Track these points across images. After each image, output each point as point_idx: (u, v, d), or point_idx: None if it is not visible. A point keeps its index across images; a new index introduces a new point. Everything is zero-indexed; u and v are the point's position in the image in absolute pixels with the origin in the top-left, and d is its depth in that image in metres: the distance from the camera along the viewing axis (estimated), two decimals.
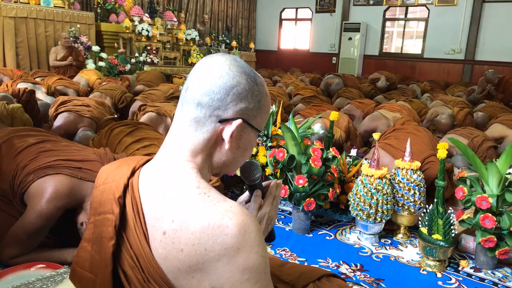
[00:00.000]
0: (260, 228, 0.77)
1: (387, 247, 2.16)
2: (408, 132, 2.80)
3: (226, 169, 0.91)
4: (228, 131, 0.82)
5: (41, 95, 4.31)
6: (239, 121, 0.82)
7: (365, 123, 3.85)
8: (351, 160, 2.62)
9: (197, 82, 0.83)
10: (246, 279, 0.74)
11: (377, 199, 2.05)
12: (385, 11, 11.13)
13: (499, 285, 1.86)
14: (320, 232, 2.30)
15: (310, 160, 2.10)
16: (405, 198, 2.14)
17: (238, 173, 2.57)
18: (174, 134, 0.86)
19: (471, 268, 1.98)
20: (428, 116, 4.55)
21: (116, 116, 4.10)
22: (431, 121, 4.35)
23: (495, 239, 1.85)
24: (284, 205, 2.64)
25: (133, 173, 0.88)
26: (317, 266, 1.91)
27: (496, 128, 3.73)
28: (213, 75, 0.82)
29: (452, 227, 1.88)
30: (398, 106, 4.17)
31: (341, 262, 1.98)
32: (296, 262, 1.95)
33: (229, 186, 2.70)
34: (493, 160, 1.91)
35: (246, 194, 1.02)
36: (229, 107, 0.82)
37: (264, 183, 1.02)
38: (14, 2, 6.42)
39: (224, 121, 0.82)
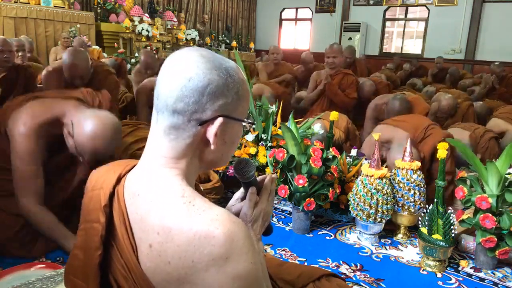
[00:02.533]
0: (249, 234, 0.75)
1: (387, 247, 2.16)
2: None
3: (216, 164, 0.88)
4: (211, 131, 0.79)
5: None
6: (220, 119, 0.79)
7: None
8: (351, 160, 2.62)
9: (167, 87, 0.78)
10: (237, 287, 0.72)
11: (377, 199, 2.05)
12: (385, 11, 11.13)
13: (499, 285, 1.86)
14: (320, 232, 2.30)
15: (310, 160, 2.10)
16: (405, 198, 2.14)
17: None
18: (153, 142, 0.82)
19: (471, 268, 1.98)
20: (432, 108, 4.48)
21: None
22: (435, 114, 4.30)
23: (495, 239, 1.85)
24: (284, 205, 2.64)
25: (118, 180, 0.85)
26: (317, 266, 1.91)
27: (496, 122, 3.73)
28: (182, 78, 0.76)
29: (452, 227, 1.88)
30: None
31: (341, 262, 1.98)
32: (296, 262, 1.95)
33: (229, 186, 2.70)
34: (496, 151, 1.91)
35: (241, 190, 1.01)
36: (206, 107, 0.77)
37: (259, 178, 1.02)
38: (14, 2, 6.43)
39: (204, 122, 0.78)
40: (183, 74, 0.77)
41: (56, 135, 1.80)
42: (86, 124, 1.69)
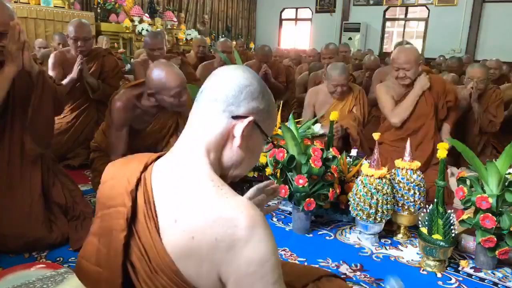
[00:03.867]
0: (268, 225, 0.79)
1: (387, 247, 2.16)
2: None
3: (234, 171, 0.93)
4: (239, 127, 0.86)
5: None
6: (250, 118, 0.87)
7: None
8: (351, 160, 2.62)
9: (213, 83, 0.89)
10: (252, 272, 0.75)
11: (377, 199, 2.05)
12: (385, 11, 11.14)
13: (499, 285, 1.86)
14: (320, 232, 2.30)
15: (310, 160, 2.10)
16: (405, 198, 2.14)
17: None
18: (190, 131, 0.90)
19: (471, 268, 1.99)
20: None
21: None
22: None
23: (495, 239, 1.85)
24: (284, 205, 2.64)
25: (145, 168, 0.91)
26: (317, 266, 1.91)
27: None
28: (228, 76, 0.89)
29: (452, 227, 1.89)
30: None
31: (341, 262, 1.98)
32: (296, 262, 1.95)
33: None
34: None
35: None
36: (241, 104, 0.87)
37: (265, 183, 1.06)
38: (14, 2, 6.42)
39: (236, 117, 0.87)
40: (231, 73, 0.89)
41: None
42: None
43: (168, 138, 2.52)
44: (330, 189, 2.17)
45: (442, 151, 1.92)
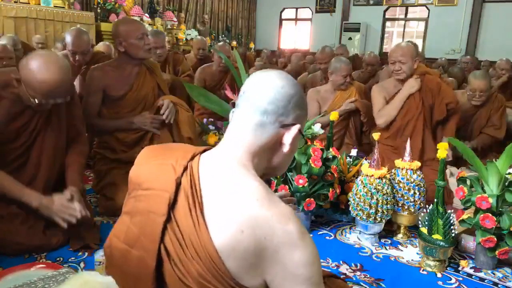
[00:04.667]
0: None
1: (387, 247, 2.16)
2: None
3: (276, 171, 1.01)
4: (289, 136, 0.93)
5: None
6: (298, 126, 0.93)
7: None
8: (351, 160, 2.62)
9: (260, 91, 0.91)
10: (299, 274, 0.79)
11: (377, 199, 2.05)
12: (385, 11, 11.13)
13: (499, 285, 1.86)
14: (320, 232, 2.30)
15: (310, 160, 2.10)
16: (405, 198, 2.15)
17: None
18: (236, 135, 0.93)
19: (471, 268, 1.99)
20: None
21: None
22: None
23: (495, 239, 1.85)
24: None
25: (193, 157, 0.93)
26: None
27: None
28: (276, 85, 0.91)
29: (452, 227, 1.89)
30: None
31: (341, 262, 1.98)
32: None
33: None
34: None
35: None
36: (290, 113, 0.92)
37: (280, 193, 1.20)
38: (14, 2, 6.42)
39: (285, 126, 0.92)
40: (277, 82, 0.92)
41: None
42: (30, 62, 1.72)
43: (154, 101, 2.61)
44: (330, 189, 2.17)
45: (442, 151, 1.92)
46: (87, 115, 2.40)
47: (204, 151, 0.97)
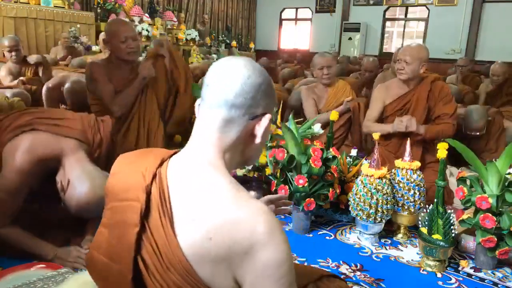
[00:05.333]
0: (283, 231, 0.80)
1: (387, 247, 2.16)
2: None
3: (250, 161, 0.97)
4: (260, 127, 0.89)
5: None
6: (268, 115, 0.89)
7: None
8: (351, 160, 2.62)
9: (225, 84, 0.86)
10: (269, 275, 0.76)
11: (377, 199, 2.05)
12: (385, 11, 11.14)
13: (499, 285, 1.86)
14: (320, 232, 2.30)
15: (310, 160, 2.10)
16: (405, 198, 2.15)
17: (239, 172, 2.57)
18: (203, 132, 0.88)
19: (471, 268, 1.99)
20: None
21: None
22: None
23: (495, 239, 1.85)
24: None
25: (161, 163, 0.90)
26: (317, 266, 1.91)
27: None
28: (242, 76, 0.86)
29: (452, 227, 1.89)
30: None
31: (341, 262, 1.98)
32: (296, 262, 1.95)
33: None
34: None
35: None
36: (259, 104, 0.87)
37: (277, 196, 1.19)
38: (14, 2, 6.43)
39: (255, 117, 0.88)
40: (242, 72, 0.86)
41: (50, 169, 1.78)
42: (79, 187, 1.68)
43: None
44: (330, 189, 2.17)
45: (442, 151, 1.92)
46: (111, 102, 2.61)
47: (175, 153, 0.93)
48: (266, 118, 0.89)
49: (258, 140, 0.89)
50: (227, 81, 0.86)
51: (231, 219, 0.77)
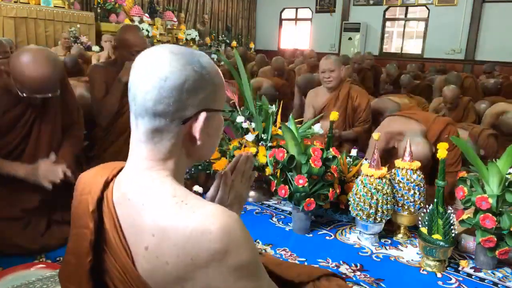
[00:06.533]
0: (242, 224, 0.74)
1: (387, 247, 2.16)
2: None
3: (204, 158, 0.88)
4: (197, 128, 0.78)
5: None
6: (203, 114, 0.78)
7: (374, 104, 3.74)
8: (351, 160, 2.62)
9: (143, 90, 0.75)
10: (239, 278, 0.73)
11: (377, 199, 2.05)
12: (385, 11, 11.13)
13: (499, 285, 1.86)
14: (320, 232, 2.30)
15: (310, 160, 2.10)
16: (405, 198, 2.14)
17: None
18: (136, 148, 0.80)
19: (471, 268, 1.98)
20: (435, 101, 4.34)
21: None
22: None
23: (495, 239, 1.85)
24: (284, 205, 2.64)
25: (106, 184, 0.83)
26: (317, 266, 1.91)
27: (499, 104, 3.75)
28: (158, 79, 0.74)
29: (452, 227, 1.88)
30: (405, 95, 4.25)
31: (341, 262, 1.98)
32: (296, 262, 1.95)
33: None
34: (495, 147, 1.91)
35: (211, 190, 1.04)
36: (188, 104, 0.76)
37: (234, 158, 1.07)
38: (14, 2, 6.43)
39: (187, 120, 0.77)
40: (158, 74, 0.74)
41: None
42: (19, 57, 1.73)
43: None
44: (330, 189, 2.17)
45: (442, 151, 1.92)
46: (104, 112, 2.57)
47: (120, 170, 0.85)
48: (202, 116, 0.77)
49: (199, 141, 0.79)
50: (142, 86, 0.75)
51: (182, 238, 0.70)
